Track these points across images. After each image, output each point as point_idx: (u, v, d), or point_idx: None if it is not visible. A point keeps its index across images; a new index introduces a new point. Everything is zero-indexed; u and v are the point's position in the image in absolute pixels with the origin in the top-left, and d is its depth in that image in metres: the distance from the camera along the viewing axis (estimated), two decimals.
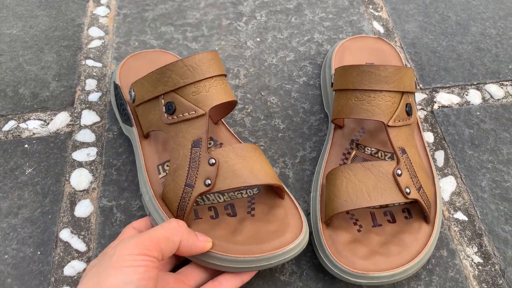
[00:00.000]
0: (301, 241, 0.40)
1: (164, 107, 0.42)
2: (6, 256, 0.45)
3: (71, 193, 0.49)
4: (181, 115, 0.42)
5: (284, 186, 0.44)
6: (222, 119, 0.50)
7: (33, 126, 0.54)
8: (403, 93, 0.43)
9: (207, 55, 0.43)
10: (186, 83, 0.42)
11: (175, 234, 0.37)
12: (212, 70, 0.42)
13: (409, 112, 0.44)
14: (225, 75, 0.45)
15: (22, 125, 0.54)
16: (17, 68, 0.59)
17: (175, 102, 0.42)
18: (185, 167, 0.41)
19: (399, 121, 0.43)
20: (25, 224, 0.47)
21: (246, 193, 0.45)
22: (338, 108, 0.45)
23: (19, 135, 0.53)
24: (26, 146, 0.52)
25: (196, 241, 0.38)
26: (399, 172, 0.41)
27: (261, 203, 0.44)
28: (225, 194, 0.45)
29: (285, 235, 0.40)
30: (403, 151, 0.42)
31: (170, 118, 0.42)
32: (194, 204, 0.43)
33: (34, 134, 0.53)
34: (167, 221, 0.38)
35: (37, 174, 0.50)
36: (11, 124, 0.54)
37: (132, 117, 0.48)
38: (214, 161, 0.40)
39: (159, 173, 0.46)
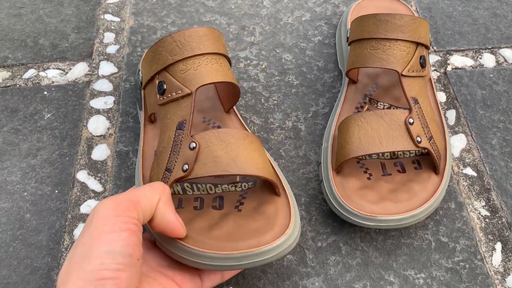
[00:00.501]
0: (282, 243, 0.35)
1: (156, 87, 0.41)
2: (25, 194, 0.46)
3: (88, 138, 0.50)
4: (170, 95, 0.39)
5: (280, 181, 0.41)
6: (234, 108, 0.48)
7: (52, 74, 0.55)
8: (417, 44, 0.44)
9: (198, 30, 0.40)
10: (174, 60, 0.39)
11: (155, 191, 0.34)
12: (203, 47, 0.40)
13: (423, 64, 0.44)
14: (224, 56, 0.42)
15: (42, 73, 0.55)
16: (38, 20, 0.60)
17: (165, 82, 0.40)
18: (168, 150, 0.38)
19: (413, 71, 0.43)
20: (43, 164, 0.48)
21: (241, 186, 0.41)
22: (353, 59, 0.45)
23: (38, 82, 0.54)
24: (45, 93, 0.53)
25: (174, 219, 0.35)
26: (411, 120, 0.42)
27: (253, 198, 0.40)
28: (218, 185, 0.41)
29: (265, 235, 0.36)
30: (416, 101, 0.43)
31: (161, 98, 0.40)
32: (181, 193, 0.40)
33: (53, 82, 0.54)
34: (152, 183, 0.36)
35: (55, 119, 0.51)
36: (31, 72, 0.55)
37: (142, 100, 0.47)
38: (194, 145, 0.37)
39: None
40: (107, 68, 0.56)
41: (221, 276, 0.39)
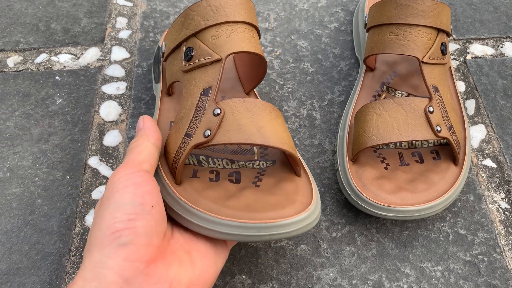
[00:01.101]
0: (304, 218, 0.34)
1: (183, 54, 0.39)
2: (36, 179, 0.46)
3: (100, 123, 0.49)
4: (197, 60, 0.38)
5: (302, 160, 0.39)
6: (254, 90, 0.46)
7: (64, 59, 0.55)
8: (439, 30, 0.43)
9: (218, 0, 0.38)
10: (207, 24, 0.38)
11: (145, 138, 0.36)
12: (237, 15, 0.38)
13: (444, 51, 0.43)
14: (256, 28, 0.40)
15: (53, 58, 0.55)
16: (49, 4, 0.59)
17: (194, 47, 0.38)
18: (189, 116, 0.37)
19: (434, 58, 0.42)
20: (55, 150, 0.47)
21: (259, 164, 0.40)
22: (372, 45, 0.44)
23: (50, 67, 0.54)
24: (57, 77, 0.53)
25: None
26: (431, 109, 0.41)
27: (272, 176, 0.39)
28: (235, 161, 0.40)
29: (285, 209, 0.34)
30: (436, 89, 0.42)
31: (187, 65, 0.38)
32: (196, 164, 0.39)
33: (65, 67, 0.54)
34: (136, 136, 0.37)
35: (67, 104, 0.51)
36: (43, 56, 0.55)
37: (161, 73, 0.46)
38: (219, 111, 0.35)
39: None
40: (119, 53, 0.55)
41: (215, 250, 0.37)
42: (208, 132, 0.35)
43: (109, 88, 0.52)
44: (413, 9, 0.41)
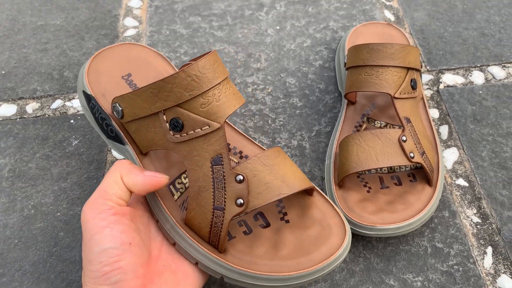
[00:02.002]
0: (348, 242, 0.38)
1: (168, 124, 0.38)
2: (58, 214, 0.51)
3: (113, 161, 0.55)
4: (192, 131, 0.37)
5: (313, 184, 0.42)
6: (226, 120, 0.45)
7: (77, 104, 0.61)
8: (408, 69, 0.49)
9: (210, 58, 0.38)
10: (192, 95, 0.36)
11: (112, 173, 0.38)
12: (218, 75, 0.38)
13: (413, 86, 0.49)
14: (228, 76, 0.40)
15: (68, 103, 0.61)
16: (62, 54, 0.66)
17: (181, 118, 0.37)
18: (209, 188, 0.37)
19: (405, 93, 0.48)
20: (73, 187, 0.53)
21: None
22: (350, 83, 0.50)
23: (65, 112, 0.60)
24: (72, 121, 0.59)
25: (144, 178, 0.38)
26: (404, 138, 0.46)
27: (292, 205, 0.41)
28: None
29: (330, 239, 0.38)
30: (408, 120, 0.48)
31: (179, 136, 0.38)
32: None
33: (78, 111, 0.60)
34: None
35: (82, 145, 0.57)
36: (58, 102, 0.61)
37: (122, 134, 0.43)
38: (242, 177, 0.36)
39: (173, 195, 0.42)
40: None
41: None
42: (241, 201, 0.36)
43: None
44: (383, 52, 0.48)
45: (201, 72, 0.37)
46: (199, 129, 0.37)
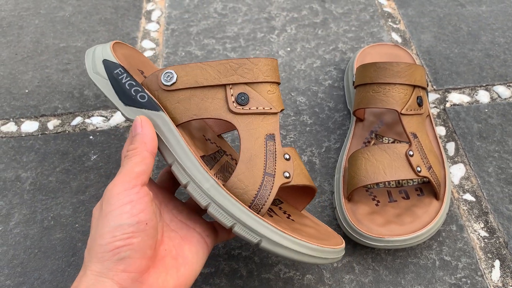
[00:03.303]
0: (343, 248, 0.43)
1: (233, 97, 0.42)
2: (76, 225, 0.53)
3: None
4: (255, 108, 0.42)
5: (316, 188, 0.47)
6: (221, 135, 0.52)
7: (96, 121, 0.63)
8: (414, 86, 0.51)
9: (274, 62, 0.44)
10: (266, 80, 0.43)
11: (134, 153, 0.39)
12: (276, 78, 0.44)
13: (420, 103, 0.51)
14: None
15: (87, 120, 0.63)
16: (82, 74, 0.69)
17: (249, 95, 0.42)
18: (261, 157, 0.41)
19: (411, 110, 0.50)
20: (91, 200, 0.55)
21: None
22: (358, 100, 0.52)
23: (84, 128, 0.63)
24: (91, 137, 0.61)
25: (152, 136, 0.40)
26: (411, 153, 0.48)
27: (290, 208, 0.47)
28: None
29: (331, 239, 0.43)
30: (415, 136, 0.49)
31: (241, 108, 0.42)
32: None
33: (97, 128, 0.63)
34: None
35: (100, 160, 0.59)
36: (78, 120, 0.64)
37: (156, 101, 0.44)
38: (288, 156, 0.42)
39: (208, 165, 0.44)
40: None
41: (227, 233, 0.45)
42: (287, 174, 0.41)
43: None
44: (390, 70, 0.50)
45: (275, 68, 0.44)
46: (262, 108, 0.42)
